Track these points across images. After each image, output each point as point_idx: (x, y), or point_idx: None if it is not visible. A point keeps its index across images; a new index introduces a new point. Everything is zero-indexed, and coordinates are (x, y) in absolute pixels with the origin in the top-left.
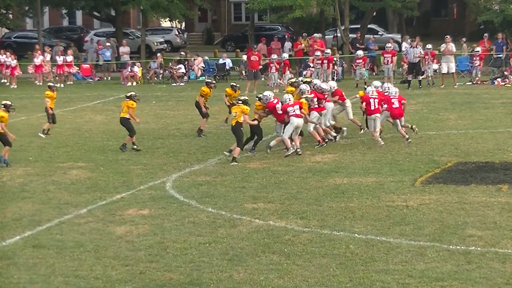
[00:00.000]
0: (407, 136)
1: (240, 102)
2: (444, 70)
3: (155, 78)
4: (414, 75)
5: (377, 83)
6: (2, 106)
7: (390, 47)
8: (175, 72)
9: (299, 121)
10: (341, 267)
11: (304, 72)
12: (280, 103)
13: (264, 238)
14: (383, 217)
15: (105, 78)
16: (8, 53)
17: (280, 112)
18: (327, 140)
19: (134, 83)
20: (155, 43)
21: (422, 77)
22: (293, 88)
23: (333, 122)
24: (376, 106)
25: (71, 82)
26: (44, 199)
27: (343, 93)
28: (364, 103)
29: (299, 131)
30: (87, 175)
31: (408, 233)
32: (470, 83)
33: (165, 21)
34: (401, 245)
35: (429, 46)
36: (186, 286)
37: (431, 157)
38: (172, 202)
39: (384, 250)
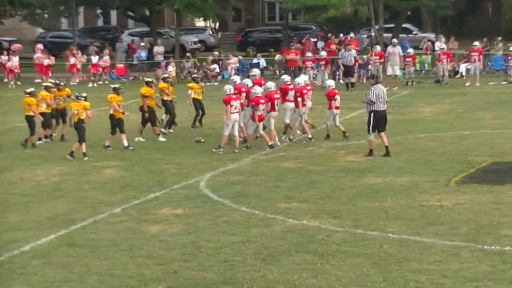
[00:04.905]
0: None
1: (82, 98)
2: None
3: (189, 78)
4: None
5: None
6: (112, 89)
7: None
8: (209, 72)
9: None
10: (375, 267)
11: (338, 72)
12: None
13: (298, 238)
14: (417, 217)
15: (141, 78)
16: (42, 53)
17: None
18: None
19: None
20: (189, 43)
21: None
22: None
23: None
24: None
25: (107, 82)
26: (79, 198)
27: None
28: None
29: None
30: (121, 174)
31: (442, 233)
32: (505, 82)
33: (199, 21)
34: (436, 245)
35: (476, 43)
36: (220, 285)
37: (466, 157)
38: (206, 202)
39: (418, 250)
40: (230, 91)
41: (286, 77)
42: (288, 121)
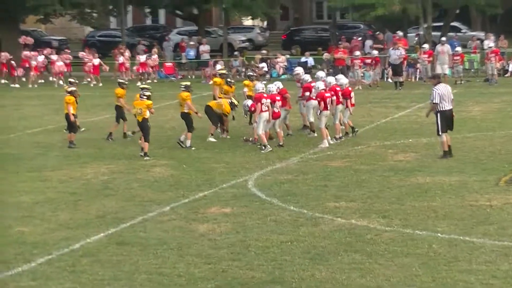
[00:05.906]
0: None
1: (145, 97)
2: None
3: (237, 76)
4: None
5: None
6: (183, 87)
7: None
8: (257, 70)
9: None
10: (423, 267)
11: (386, 71)
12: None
13: (346, 237)
14: (466, 216)
15: (189, 77)
16: (89, 52)
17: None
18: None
19: None
20: (237, 42)
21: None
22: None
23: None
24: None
25: (155, 80)
26: (128, 197)
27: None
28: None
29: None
30: (170, 173)
31: (492, 233)
32: None
33: (247, 20)
34: (485, 245)
35: None
36: (268, 284)
37: None
38: (254, 201)
39: (467, 250)
40: (262, 90)
41: (306, 76)
42: (313, 119)
